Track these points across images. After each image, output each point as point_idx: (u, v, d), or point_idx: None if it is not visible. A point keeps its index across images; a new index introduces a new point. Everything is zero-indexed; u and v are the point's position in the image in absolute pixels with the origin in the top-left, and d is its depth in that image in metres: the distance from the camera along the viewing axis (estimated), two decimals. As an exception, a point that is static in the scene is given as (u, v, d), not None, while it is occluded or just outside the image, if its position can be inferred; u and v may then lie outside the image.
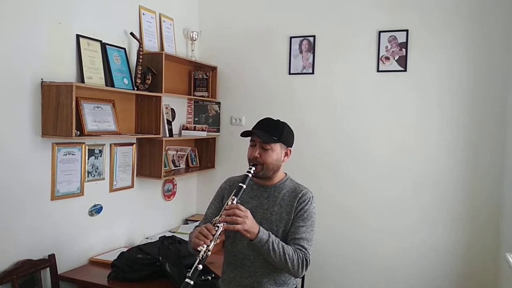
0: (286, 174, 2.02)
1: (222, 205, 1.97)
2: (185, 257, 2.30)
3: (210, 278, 2.37)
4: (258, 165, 1.87)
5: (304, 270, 1.80)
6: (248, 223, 1.69)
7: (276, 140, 1.88)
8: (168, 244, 2.34)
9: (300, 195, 1.90)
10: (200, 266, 1.57)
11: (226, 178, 2.09)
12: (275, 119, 1.96)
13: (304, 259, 1.78)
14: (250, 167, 1.87)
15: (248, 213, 1.72)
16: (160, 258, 2.48)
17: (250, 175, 1.84)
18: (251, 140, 1.92)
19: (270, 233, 1.76)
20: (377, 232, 3.28)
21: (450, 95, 3.06)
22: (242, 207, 1.72)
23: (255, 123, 1.95)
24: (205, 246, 1.61)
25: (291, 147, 1.97)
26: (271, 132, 1.88)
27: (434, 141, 3.12)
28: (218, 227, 1.67)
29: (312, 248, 1.85)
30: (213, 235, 1.64)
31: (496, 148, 2.95)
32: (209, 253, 1.62)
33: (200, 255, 1.60)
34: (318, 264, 3.18)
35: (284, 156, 1.94)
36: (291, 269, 1.76)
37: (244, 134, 1.90)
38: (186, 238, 2.38)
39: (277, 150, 1.89)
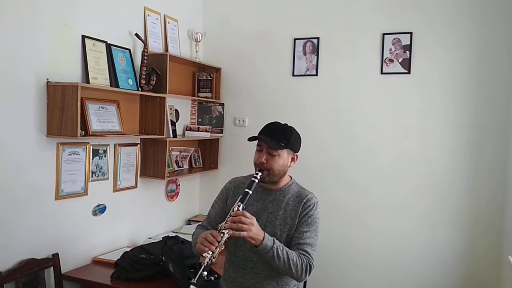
0: (291, 177, 2.02)
1: (226, 206, 1.98)
2: (188, 258, 2.31)
3: (213, 278, 2.38)
4: (265, 171, 1.86)
5: (307, 275, 1.80)
6: (254, 230, 1.69)
7: (284, 147, 1.86)
8: (171, 244, 2.35)
9: (305, 200, 1.90)
10: (205, 273, 1.58)
11: (231, 178, 2.09)
12: (283, 123, 1.94)
13: (307, 264, 1.78)
14: (257, 172, 1.86)
15: (254, 220, 1.72)
16: (163, 258, 2.49)
17: (256, 180, 1.84)
18: (258, 145, 1.90)
19: (275, 238, 1.76)
20: (379, 233, 3.28)
21: (453, 98, 3.06)
22: (248, 214, 1.72)
23: (260, 125, 1.93)
24: (210, 253, 1.62)
25: (298, 152, 1.96)
26: (279, 137, 1.86)
27: (437, 143, 3.12)
28: (223, 233, 1.68)
29: (315, 253, 1.84)
30: (219, 242, 1.65)
31: (499, 151, 2.95)
32: (214, 259, 1.63)
33: (205, 262, 1.60)
34: (320, 265, 3.17)
35: (291, 162, 1.93)
36: (295, 274, 1.77)
37: (252, 139, 1.90)
38: (189, 238, 2.39)
39: (284, 156, 1.88)
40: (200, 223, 2.07)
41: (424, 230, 3.16)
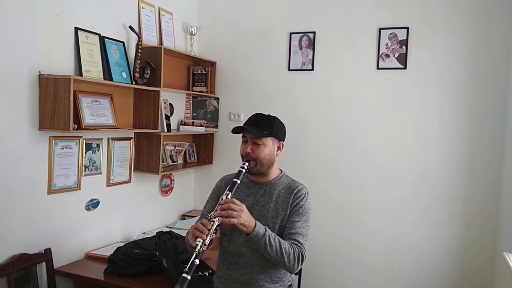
0: (281, 170, 2.03)
1: None
2: (182, 253, 2.29)
3: (207, 274, 2.36)
4: (252, 161, 1.88)
5: (299, 265, 1.81)
6: (244, 216, 1.70)
7: (267, 135, 1.89)
8: (165, 240, 2.33)
9: (295, 191, 1.91)
10: (197, 261, 1.56)
11: (222, 176, 2.10)
12: (266, 114, 1.97)
13: (299, 253, 1.79)
14: (244, 162, 1.88)
15: (244, 207, 1.73)
16: (157, 253, 2.47)
17: (244, 170, 1.86)
18: (242, 136, 1.93)
19: (267, 227, 1.77)
20: (374, 231, 3.27)
21: (450, 93, 3.05)
22: (237, 201, 1.73)
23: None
24: (201, 240, 1.61)
25: (283, 140, 1.98)
26: (262, 127, 1.89)
27: (433, 140, 3.11)
28: (213, 221, 1.67)
29: (307, 243, 1.85)
30: (209, 230, 1.65)
31: (495, 148, 2.95)
32: (205, 247, 1.62)
33: (197, 250, 1.59)
34: (315, 262, 3.19)
35: (277, 150, 1.95)
36: (287, 264, 1.77)
37: (235, 130, 1.91)
38: (183, 233, 2.37)
39: (269, 145, 1.90)
40: (194, 224, 2.06)
41: (420, 227, 3.15)
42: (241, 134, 1.93)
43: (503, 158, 2.90)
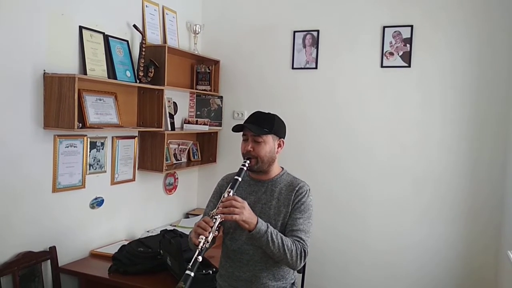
0: (282, 168, 2.04)
1: None
2: (186, 251, 2.29)
3: (211, 272, 2.37)
4: (253, 159, 1.89)
5: (302, 261, 1.81)
6: (246, 213, 1.70)
7: (268, 132, 1.89)
8: (169, 238, 2.34)
9: (297, 188, 1.92)
10: (200, 258, 1.57)
11: (223, 175, 2.11)
12: (266, 112, 1.98)
13: (302, 250, 1.80)
14: (245, 160, 1.89)
15: (245, 204, 1.73)
16: (161, 251, 2.48)
17: (245, 168, 1.87)
18: (243, 135, 1.94)
19: (269, 224, 1.77)
20: (377, 229, 3.27)
21: (453, 92, 3.04)
22: (239, 198, 1.73)
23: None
24: (204, 238, 1.62)
25: (283, 138, 1.99)
26: (262, 124, 1.90)
27: (437, 138, 3.10)
28: (216, 219, 1.68)
29: (310, 240, 1.86)
30: (211, 227, 1.65)
31: (498, 146, 2.94)
32: (208, 245, 1.62)
33: (199, 247, 1.60)
34: (318, 260, 3.19)
35: (278, 148, 1.96)
36: (290, 260, 1.77)
37: (236, 128, 1.92)
38: (187, 232, 2.38)
39: (269, 142, 1.91)
40: (196, 222, 2.07)
41: (423, 225, 3.15)
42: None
43: (506, 156, 2.89)
